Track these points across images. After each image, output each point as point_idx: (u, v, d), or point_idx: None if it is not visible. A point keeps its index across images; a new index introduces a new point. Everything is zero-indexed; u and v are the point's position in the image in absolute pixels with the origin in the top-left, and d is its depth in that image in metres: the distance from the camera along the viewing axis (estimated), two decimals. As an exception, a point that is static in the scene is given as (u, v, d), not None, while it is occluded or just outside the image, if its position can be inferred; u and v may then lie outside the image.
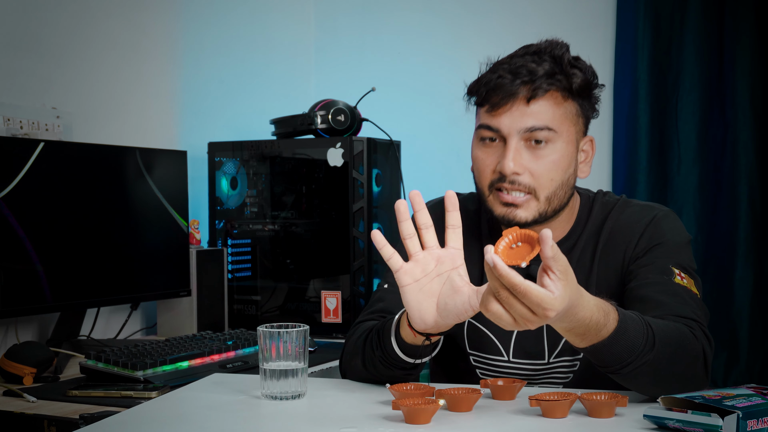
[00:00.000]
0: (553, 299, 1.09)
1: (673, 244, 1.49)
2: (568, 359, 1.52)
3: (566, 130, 1.47)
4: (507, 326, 1.13)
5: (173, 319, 2.53)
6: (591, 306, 1.17)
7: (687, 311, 1.36)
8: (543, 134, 1.44)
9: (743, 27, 2.65)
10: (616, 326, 1.21)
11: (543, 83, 1.43)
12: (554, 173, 1.46)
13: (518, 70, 1.44)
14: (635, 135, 2.77)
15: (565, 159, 1.47)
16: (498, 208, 1.48)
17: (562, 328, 1.19)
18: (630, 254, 1.49)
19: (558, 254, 1.10)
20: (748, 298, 2.65)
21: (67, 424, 1.56)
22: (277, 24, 3.21)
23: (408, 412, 1.19)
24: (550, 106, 1.45)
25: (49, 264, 2.08)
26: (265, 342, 1.34)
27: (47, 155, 2.08)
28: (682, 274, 1.43)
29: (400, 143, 2.69)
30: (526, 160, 1.45)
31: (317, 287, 2.59)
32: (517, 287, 1.08)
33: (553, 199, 1.47)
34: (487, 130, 1.47)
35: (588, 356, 1.25)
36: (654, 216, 1.51)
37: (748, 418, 1.09)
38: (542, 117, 1.44)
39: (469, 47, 3.06)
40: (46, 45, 2.34)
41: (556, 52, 1.46)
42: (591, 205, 1.57)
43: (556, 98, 1.45)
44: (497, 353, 1.55)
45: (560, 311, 1.11)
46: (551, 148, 1.45)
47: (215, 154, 2.70)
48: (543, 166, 1.45)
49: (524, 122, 1.44)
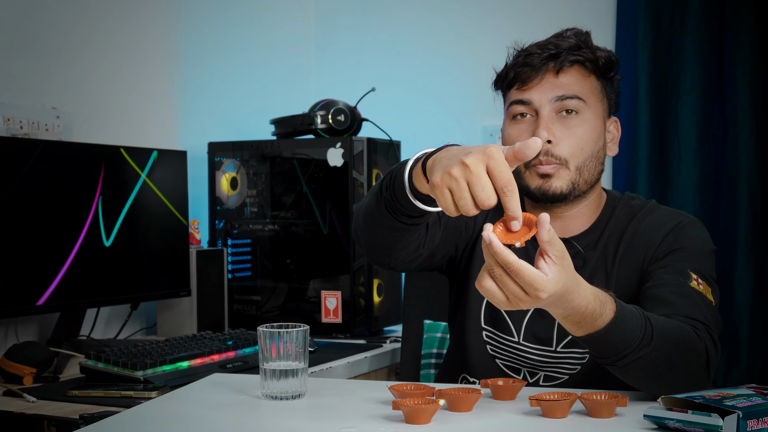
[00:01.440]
0: (545, 281, 1.11)
1: (695, 251, 1.50)
2: (579, 351, 1.52)
3: (593, 103, 1.54)
4: (500, 304, 1.15)
5: (173, 319, 2.53)
6: (587, 294, 1.19)
7: (696, 313, 1.36)
8: (573, 103, 1.51)
9: (743, 27, 2.65)
10: (612, 317, 1.22)
11: (569, 56, 1.51)
12: (585, 143, 1.52)
13: (545, 46, 1.52)
14: (635, 135, 2.77)
15: (594, 130, 1.53)
16: (534, 180, 1.52)
17: (558, 314, 1.20)
18: (651, 255, 1.51)
19: (555, 239, 1.12)
20: (748, 298, 2.65)
21: (67, 424, 1.56)
22: (277, 24, 3.21)
23: (408, 412, 1.19)
24: (577, 79, 1.52)
25: (48, 264, 2.08)
26: (265, 342, 1.34)
27: (47, 155, 2.08)
28: (699, 280, 1.44)
29: (400, 143, 2.69)
30: (558, 129, 1.51)
31: (317, 287, 2.59)
32: (511, 265, 1.10)
33: (583, 169, 1.52)
34: (518, 104, 1.53)
35: (585, 346, 1.26)
36: (680, 222, 1.54)
37: (749, 418, 1.09)
38: (571, 87, 1.52)
39: (470, 47, 3.06)
40: (46, 45, 2.34)
41: (580, 36, 1.55)
42: (616, 204, 1.61)
43: (582, 72, 1.53)
44: (509, 333, 1.57)
45: (552, 294, 1.12)
46: (581, 118, 1.52)
47: (215, 154, 2.70)
48: (574, 135, 1.51)
49: (555, 92, 1.51)
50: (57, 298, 2.10)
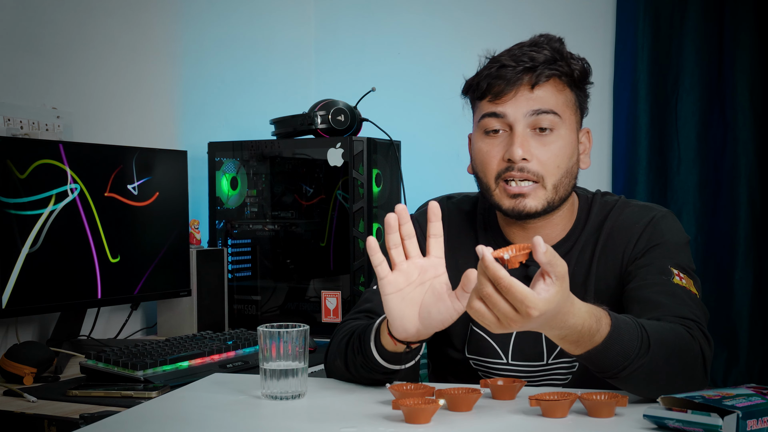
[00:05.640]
0: (536, 299, 1.09)
1: (672, 245, 1.49)
2: (567, 360, 1.52)
3: (568, 117, 1.49)
4: (490, 326, 1.13)
5: (173, 319, 2.53)
6: (582, 313, 1.17)
7: (685, 311, 1.36)
8: (549, 119, 1.46)
9: (743, 27, 2.65)
10: (609, 331, 1.21)
11: (545, 69, 1.45)
12: (560, 160, 1.47)
13: (520, 58, 1.45)
14: (635, 135, 2.77)
15: (569, 146, 1.49)
16: (506, 201, 1.48)
17: (556, 336, 1.19)
18: (629, 255, 1.49)
19: (555, 259, 1.10)
20: (748, 298, 2.65)
21: (67, 424, 1.56)
22: (278, 24, 3.21)
23: (408, 412, 1.19)
24: (553, 93, 1.47)
25: (48, 264, 2.08)
26: (265, 342, 1.34)
27: (47, 155, 2.08)
28: (681, 275, 1.43)
29: (400, 143, 2.69)
30: (534, 147, 1.46)
31: (317, 287, 2.59)
32: (502, 280, 1.09)
33: (559, 187, 1.48)
34: (492, 118, 1.48)
35: (584, 363, 1.25)
36: (653, 217, 1.52)
37: (748, 417, 1.09)
38: (547, 101, 1.46)
39: (470, 47, 3.03)
40: (46, 45, 2.34)
41: (554, 43, 1.48)
42: (590, 205, 1.57)
43: (557, 85, 1.48)
44: (496, 356, 1.56)
45: (544, 312, 1.11)
46: (556, 134, 1.47)
47: (215, 154, 2.70)
48: (550, 153, 1.46)
49: (530, 106, 1.45)
50: (57, 298, 2.10)
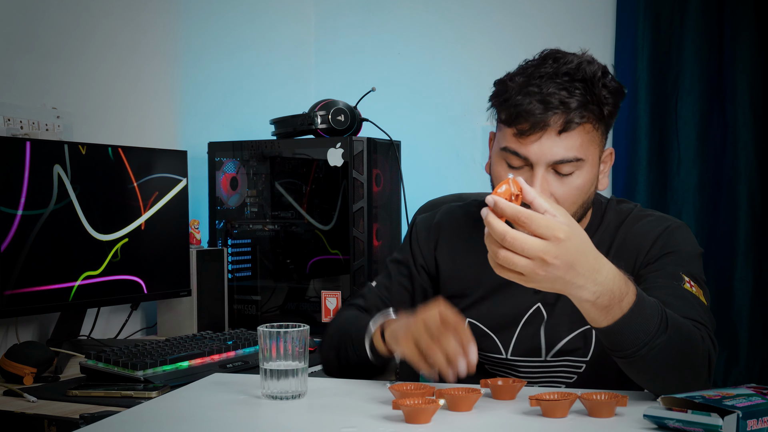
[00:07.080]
0: (558, 222, 1.11)
1: (685, 254, 1.50)
2: (572, 360, 1.52)
3: (592, 154, 1.45)
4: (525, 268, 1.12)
5: (173, 319, 2.53)
6: (612, 271, 1.18)
7: (694, 314, 1.37)
8: (572, 165, 1.42)
9: (743, 27, 2.65)
10: (635, 299, 1.20)
11: (576, 116, 1.39)
12: (578, 197, 1.45)
13: (549, 99, 1.38)
14: (635, 135, 2.77)
15: (588, 182, 1.46)
16: None
17: (590, 295, 1.16)
18: (641, 260, 1.50)
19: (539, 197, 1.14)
20: (748, 298, 2.65)
21: (67, 424, 1.56)
22: (277, 24, 3.21)
23: (408, 412, 1.19)
24: (580, 135, 1.41)
25: (48, 264, 2.08)
26: (265, 342, 1.34)
27: (47, 155, 2.08)
28: (691, 283, 1.44)
29: (400, 143, 2.69)
30: (552, 184, 1.43)
31: (317, 287, 2.59)
32: (521, 213, 1.11)
33: (576, 215, 1.47)
34: (514, 156, 1.43)
35: (605, 338, 1.23)
36: (668, 226, 1.53)
37: (748, 417, 1.09)
38: (572, 148, 1.40)
39: (470, 47, 3.06)
40: (46, 45, 2.34)
41: (587, 72, 1.40)
42: (603, 212, 1.58)
43: (586, 127, 1.42)
44: (496, 351, 1.56)
45: (569, 235, 1.11)
46: (577, 175, 1.43)
47: (215, 154, 2.70)
48: (568, 192, 1.44)
49: (554, 154, 1.40)
50: (57, 298, 2.10)
